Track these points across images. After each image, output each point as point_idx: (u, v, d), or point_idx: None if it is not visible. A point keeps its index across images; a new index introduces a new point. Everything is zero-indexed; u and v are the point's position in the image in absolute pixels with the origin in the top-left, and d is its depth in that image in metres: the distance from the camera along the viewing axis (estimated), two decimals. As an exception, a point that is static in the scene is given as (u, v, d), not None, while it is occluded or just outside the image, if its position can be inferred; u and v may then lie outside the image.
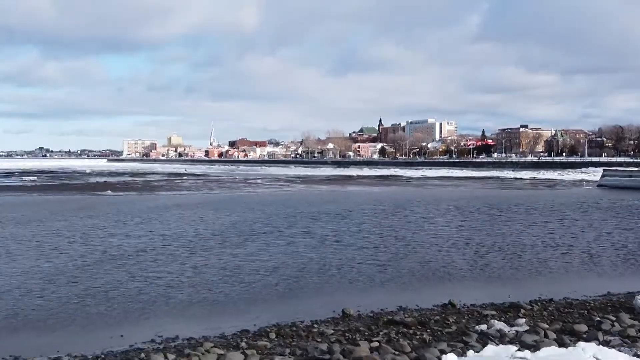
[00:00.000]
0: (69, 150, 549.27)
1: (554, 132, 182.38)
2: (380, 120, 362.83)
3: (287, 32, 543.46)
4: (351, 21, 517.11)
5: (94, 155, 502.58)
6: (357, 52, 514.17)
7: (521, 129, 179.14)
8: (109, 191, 48.23)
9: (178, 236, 22.77)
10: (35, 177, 73.42)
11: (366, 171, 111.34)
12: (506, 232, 23.69)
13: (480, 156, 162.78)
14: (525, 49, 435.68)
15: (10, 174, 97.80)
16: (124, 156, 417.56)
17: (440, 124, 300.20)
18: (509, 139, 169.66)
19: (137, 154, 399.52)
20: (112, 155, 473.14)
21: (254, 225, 26.30)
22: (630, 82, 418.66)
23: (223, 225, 26.24)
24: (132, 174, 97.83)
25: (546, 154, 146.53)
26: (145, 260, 17.76)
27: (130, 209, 33.85)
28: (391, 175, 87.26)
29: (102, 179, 75.30)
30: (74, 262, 17.11)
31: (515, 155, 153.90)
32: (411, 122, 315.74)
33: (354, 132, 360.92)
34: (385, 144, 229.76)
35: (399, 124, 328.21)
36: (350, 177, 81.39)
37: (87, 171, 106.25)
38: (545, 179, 70.28)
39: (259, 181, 70.00)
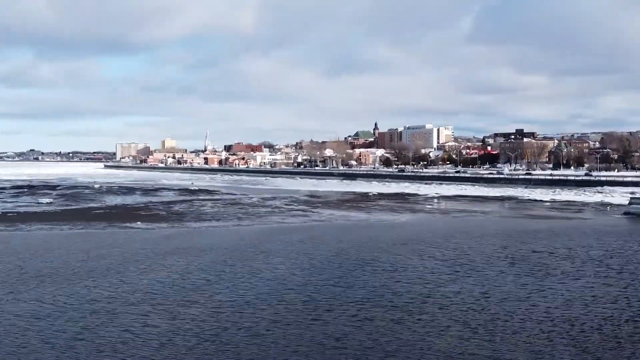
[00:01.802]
0: (60, 152, 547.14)
1: (556, 142, 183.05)
2: (375, 124, 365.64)
3: (282, 34, 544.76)
4: (346, 23, 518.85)
5: (87, 158, 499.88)
6: (351, 53, 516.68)
7: (525, 140, 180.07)
8: (139, 222, 47.88)
9: (250, 303, 22.23)
10: (51, 200, 72.68)
11: (376, 185, 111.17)
12: (578, 293, 23.42)
13: (484, 166, 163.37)
14: (517, 50, 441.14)
15: (18, 189, 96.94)
16: (118, 160, 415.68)
17: (438, 129, 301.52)
18: (512, 149, 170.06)
19: (131, 158, 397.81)
20: (104, 157, 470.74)
21: (312, 281, 25.75)
22: (620, 83, 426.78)
23: (284, 284, 25.60)
24: (144, 190, 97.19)
25: (551, 165, 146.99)
26: (241, 342, 17.48)
27: (175, 251, 33.36)
28: (406, 194, 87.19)
29: (119, 200, 74.79)
30: (173, 349, 16.75)
31: (520, 165, 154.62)
32: (408, 128, 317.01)
33: (349, 136, 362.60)
34: (385, 151, 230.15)
35: (396, 129, 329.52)
36: (367, 196, 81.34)
37: (97, 186, 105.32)
38: (565, 201, 70.25)
39: (277, 203, 69.67)
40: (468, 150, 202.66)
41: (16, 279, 26.56)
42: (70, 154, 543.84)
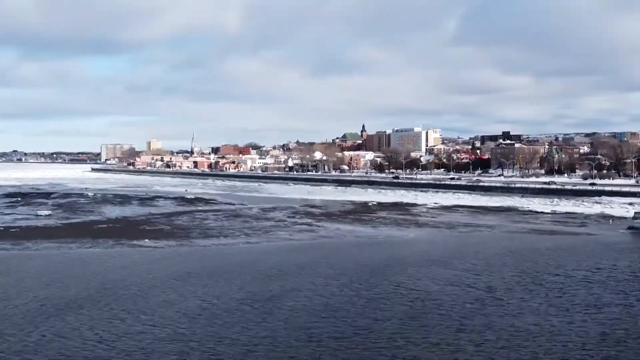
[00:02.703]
0: (44, 153, 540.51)
1: (547, 146, 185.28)
2: (363, 126, 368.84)
3: (269, 34, 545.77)
4: (333, 24, 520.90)
5: (71, 159, 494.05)
6: (337, 54, 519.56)
7: (516, 145, 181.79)
8: (146, 240, 47.53)
9: (281, 340, 21.94)
10: (49, 211, 71.76)
11: (372, 194, 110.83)
12: (608, 326, 23.33)
13: (476, 171, 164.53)
14: (501, 51, 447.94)
15: (12, 198, 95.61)
16: (103, 161, 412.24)
17: (426, 132, 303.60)
18: (504, 154, 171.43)
19: (117, 159, 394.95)
20: (89, 158, 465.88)
21: (338, 313, 25.19)
22: (603, 84, 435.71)
23: (310, 316, 25.32)
24: (139, 199, 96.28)
25: (543, 171, 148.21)
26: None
27: (191, 276, 32.98)
28: (405, 203, 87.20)
29: (117, 211, 74.04)
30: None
31: (512, 170, 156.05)
32: (397, 130, 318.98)
33: (337, 138, 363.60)
34: (374, 155, 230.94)
35: (384, 132, 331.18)
36: (367, 207, 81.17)
37: (90, 194, 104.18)
38: (566, 212, 70.55)
39: (279, 215, 69.37)
40: (459, 155, 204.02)
41: (40, 309, 26.25)
42: (54, 155, 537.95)
